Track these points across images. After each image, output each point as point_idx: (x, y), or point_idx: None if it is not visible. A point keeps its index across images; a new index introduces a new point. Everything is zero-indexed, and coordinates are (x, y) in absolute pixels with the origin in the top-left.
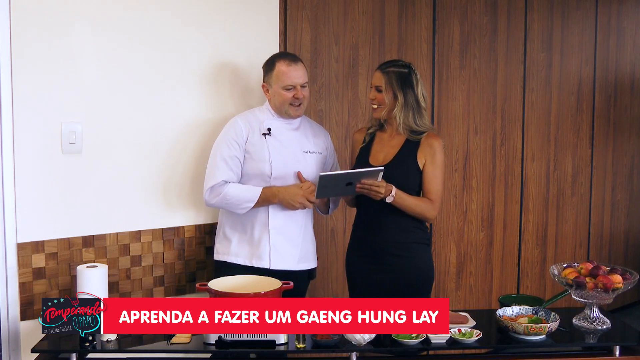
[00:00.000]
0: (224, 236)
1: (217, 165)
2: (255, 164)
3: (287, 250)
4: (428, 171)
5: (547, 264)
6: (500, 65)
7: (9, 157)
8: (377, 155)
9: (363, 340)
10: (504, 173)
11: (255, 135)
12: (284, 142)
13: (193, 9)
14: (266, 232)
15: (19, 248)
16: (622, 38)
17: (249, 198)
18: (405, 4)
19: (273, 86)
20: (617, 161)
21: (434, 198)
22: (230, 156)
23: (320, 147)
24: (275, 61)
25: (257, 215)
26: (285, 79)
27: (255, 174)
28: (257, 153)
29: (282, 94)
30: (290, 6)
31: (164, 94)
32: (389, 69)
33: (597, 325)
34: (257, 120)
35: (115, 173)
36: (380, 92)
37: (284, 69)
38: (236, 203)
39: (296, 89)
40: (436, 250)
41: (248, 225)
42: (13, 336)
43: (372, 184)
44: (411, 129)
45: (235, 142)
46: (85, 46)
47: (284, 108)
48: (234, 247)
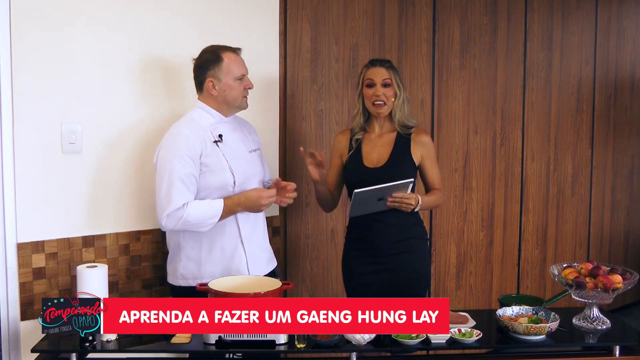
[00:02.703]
0: (187, 259)
1: (174, 187)
2: (214, 175)
3: (258, 255)
4: (428, 167)
5: (547, 264)
6: (500, 65)
7: (9, 157)
8: (370, 156)
9: (363, 340)
10: (504, 173)
11: (208, 146)
12: (234, 146)
13: (193, 9)
14: (239, 243)
15: (19, 248)
16: (622, 38)
17: (213, 214)
18: (405, 4)
19: (223, 79)
20: (617, 161)
21: (439, 186)
22: (187, 174)
23: (257, 142)
24: (220, 52)
25: (224, 229)
26: (236, 69)
27: (216, 186)
28: (215, 164)
29: (234, 85)
30: (290, 6)
31: (163, 93)
32: (389, 65)
33: (597, 325)
34: (203, 128)
35: (115, 173)
36: (387, 87)
37: (233, 58)
38: (199, 223)
39: (246, 78)
40: (436, 250)
41: (217, 241)
42: (13, 336)
43: (403, 197)
44: (404, 124)
45: (189, 159)
46: (85, 46)
47: (237, 101)
48: (205, 269)
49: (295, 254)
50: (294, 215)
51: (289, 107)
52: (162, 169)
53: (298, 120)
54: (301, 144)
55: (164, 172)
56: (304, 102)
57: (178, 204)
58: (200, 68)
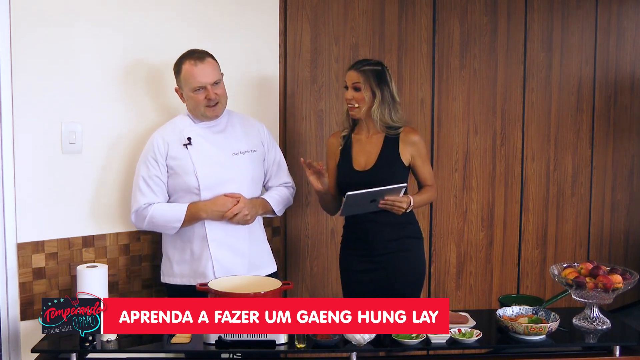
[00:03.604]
0: (166, 256)
1: (138, 188)
2: (180, 178)
3: (232, 261)
4: (419, 165)
5: (547, 264)
6: (500, 65)
7: (9, 157)
8: (359, 158)
9: (363, 340)
10: (504, 173)
11: (176, 148)
12: (208, 149)
13: (193, 9)
14: (205, 246)
15: (19, 248)
16: (622, 38)
17: (175, 218)
18: (405, 4)
19: (184, 89)
20: (617, 161)
21: (431, 183)
22: (150, 176)
23: (254, 144)
24: (182, 62)
25: (194, 229)
26: (193, 80)
27: (182, 189)
28: (180, 167)
29: (193, 96)
30: (290, 6)
31: (163, 93)
32: (364, 68)
33: (597, 325)
34: (176, 131)
35: (115, 173)
36: (358, 91)
37: (189, 70)
38: (163, 225)
39: (206, 89)
40: (436, 250)
41: (187, 242)
42: (13, 336)
43: (395, 200)
44: (387, 124)
45: (153, 161)
46: (85, 46)
47: (200, 111)
48: (176, 268)
49: (295, 254)
50: (294, 215)
51: (289, 107)
52: (136, 171)
53: (298, 120)
54: (301, 144)
55: (136, 174)
56: (304, 102)
57: (140, 204)
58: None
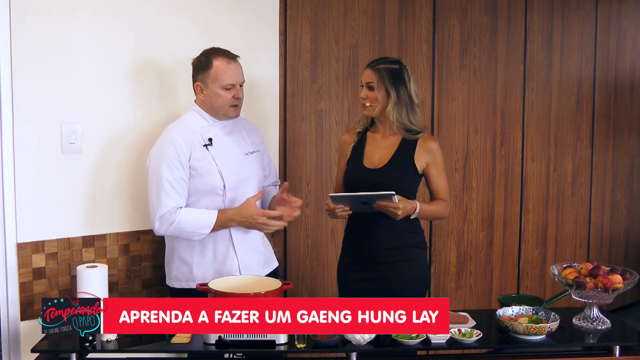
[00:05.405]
0: (180, 261)
1: (164, 191)
2: (204, 179)
3: (252, 259)
4: (434, 175)
5: (547, 264)
6: (500, 65)
7: (9, 157)
8: (372, 157)
9: (363, 340)
10: (504, 173)
11: (197, 149)
12: (226, 149)
13: (193, 9)
14: (231, 248)
15: (19, 248)
16: (622, 38)
17: (205, 224)
18: (405, 4)
19: (210, 86)
20: (617, 161)
21: (445, 196)
22: (175, 178)
23: (257, 144)
24: (212, 58)
25: (217, 232)
26: (226, 77)
27: (206, 190)
28: (204, 168)
29: (222, 94)
30: (290, 6)
31: (163, 93)
32: (379, 66)
33: (597, 325)
34: (193, 132)
35: (115, 173)
36: (372, 90)
37: (221, 67)
38: (191, 231)
39: (236, 88)
40: (436, 251)
41: (209, 245)
42: (13, 336)
43: (388, 205)
44: (406, 127)
45: (178, 163)
46: (85, 47)
47: (224, 109)
48: (196, 271)
49: (295, 254)
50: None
51: (289, 107)
52: (152, 173)
53: (298, 120)
54: (301, 144)
55: (153, 177)
56: (304, 102)
57: (168, 207)
58: (193, 70)
